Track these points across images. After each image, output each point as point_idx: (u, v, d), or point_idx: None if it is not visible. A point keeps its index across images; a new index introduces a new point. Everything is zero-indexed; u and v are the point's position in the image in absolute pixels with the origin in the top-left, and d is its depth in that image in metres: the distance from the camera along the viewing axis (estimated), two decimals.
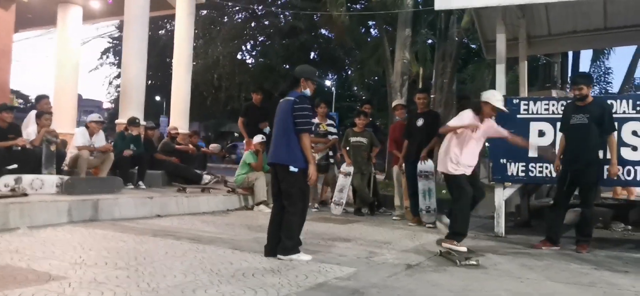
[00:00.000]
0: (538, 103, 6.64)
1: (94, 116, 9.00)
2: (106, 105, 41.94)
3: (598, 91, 25.70)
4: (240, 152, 24.28)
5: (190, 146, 10.80)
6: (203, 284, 3.53)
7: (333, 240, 5.70)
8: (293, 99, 4.58)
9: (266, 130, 8.74)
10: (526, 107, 6.63)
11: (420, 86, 15.88)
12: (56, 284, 3.32)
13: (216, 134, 41.74)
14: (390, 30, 16.70)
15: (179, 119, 12.35)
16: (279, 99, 4.78)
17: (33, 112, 8.29)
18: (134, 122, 9.34)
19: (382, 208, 9.12)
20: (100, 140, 8.61)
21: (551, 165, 6.30)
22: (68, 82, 13.18)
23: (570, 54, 18.11)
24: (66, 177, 7.17)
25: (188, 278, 3.68)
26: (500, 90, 6.92)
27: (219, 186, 9.47)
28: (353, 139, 8.58)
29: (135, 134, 9.23)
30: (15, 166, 7.08)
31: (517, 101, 6.72)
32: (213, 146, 14.49)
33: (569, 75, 17.99)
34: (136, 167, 8.91)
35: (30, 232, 5.20)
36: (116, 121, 10.99)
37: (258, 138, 8.61)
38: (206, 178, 9.83)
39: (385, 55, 15.88)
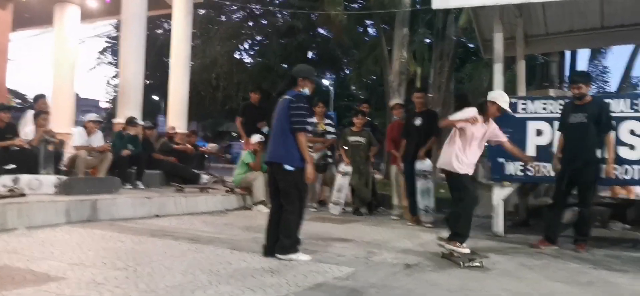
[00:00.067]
0: (536, 102, 6.66)
1: (92, 116, 9.00)
2: (104, 104, 41.84)
3: (595, 90, 25.75)
4: (234, 152, 24.31)
5: (188, 146, 10.80)
6: (202, 284, 3.53)
7: (331, 240, 5.71)
8: (290, 98, 4.59)
9: (264, 129, 8.74)
10: (524, 106, 6.65)
11: (418, 85, 15.88)
12: (54, 285, 3.32)
13: (214, 134, 41.69)
14: (388, 29, 16.69)
15: (177, 119, 12.33)
16: (278, 99, 4.79)
17: (30, 112, 8.28)
18: (132, 122, 9.33)
19: (381, 207, 9.13)
20: (98, 140, 8.61)
21: (549, 165, 6.32)
22: (66, 82, 13.15)
23: (567, 53, 18.17)
24: (64, 177, 7.16)
25: (187, 278, 3.68)
26: (498, 89, 6.93)
27: (218, 186, 9.47)
28: (351, 139, 8.59)
29: (133, 134, 9.22)
30: (13, 166, 7.07)
31: (515, 100, 6.73)
32: (211, 146, 14.49)
33: (567, 74, 18.05)
34: (134, 167, 8.90)
35: (28, 233, 5.20)
36: (114, 120, 10.97)
37: (256, 137, 8.62)
38: (204, 178, 9.83)
39: (383, 54, 15.89)
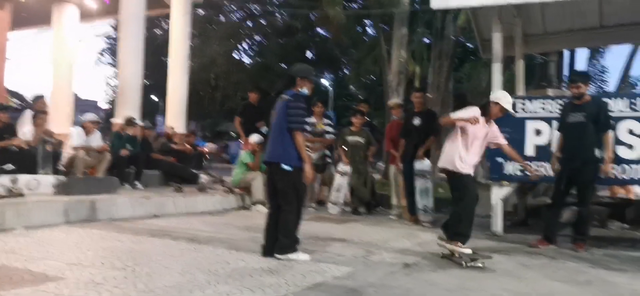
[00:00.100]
0: (534, 102, 6.66)
1: (90, 116, 8.98)
2: (103, 105, 41.82)
3: (594, 90, 25.77)
4: (231, 152, 24.29)
5: (186, 146, 10.79)
6: (200, 284, 3.53)
7: (330, 240, 5.70)
8: (287, 98, 4.60)
9: (263, 129, 8.73)
10: (523, 106, 6.65)
11: (416, 85, 15.88)
12: (53, 285, 3.31)
13: (213, 134, 41.66)
14: (386, 29, 16.69)
15: (176, 119, 12.32)
16: (276, 99, 4.79)
17: (29, 112, 8.26)
18: (131, 122, 9.31)
19: (379, 207, 9.12)
20: (96, 139, 8.59)
21: (547, 164, 6.33)
22: (64, 82, 13.13)
23: (566, 53, 18.20)
24: (62, 178, 7.16)
25: (185, 278, 3.68)
26: (496, 89, 6.93)
27: (216, 186, 9.46)
28: (350, 138, 8.59)
29: (131, 134, 9.21)
30: (11, 166, 7.05)
31: (514, 100, 6.72)
32: (209, 145, 14.48)
33: (565, 73, 18.06)
34: (133, 167, 8.89)
35: (26, 232, 5.19)
36: (112, 120, 10.96)
37: (255, 137, 8.61)
38: (203, 178, 9.83)
39: (381, 54, 15.88)
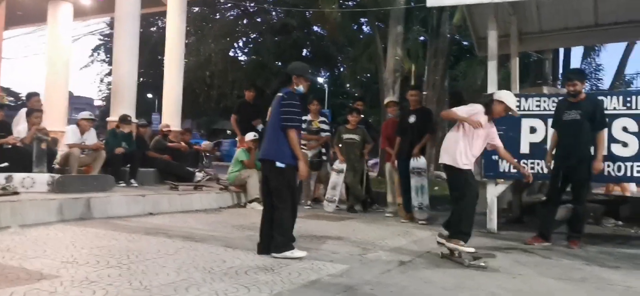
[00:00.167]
0: (529, 99, 6.67)
1: (85, 113, 8.95)
2: (98, 102, 41.71)
3: (588, 88, 25.87)
4: (224, 149, 24.26)
5: (182, 143, 10.78)
6: (196, 282, 3.52)
7: (326, 237, 5.71)
8: (282, 96, 4.60)
9: (259, 127, 8.72)
10: (518, 104, 6.65)
11: (412, 83, 15.91)
12: (48, 283, 3.30)
13: (208, 132, 41.64)
14: (382, 27, 16.70)
15: (171, 117, 12.29)
16: (273, 96, 4.79)
17: (23, 110, 8.23)
18: (126, 120, 9.29)
19: (375, 205, 9.14)
20: (91, 137, 8.57)
21: (542, 162, 6.35)
22: (59, 80, 13.08)
23: (561, 51, 18.27)
24: (57, 175, 7.13)
25: (181, 276, 3.67)
26: (492, 86, 6.95)
27: (212, 184, 9.45)
28: (346, 136, 8.59)
29: (127, 132, 9.19)
30: (6, 164, 7.04)
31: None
32: (205, 144, 14.46)
33: (560, 71, 18.13)
34: (128, 165, 8.87)
35: (21, 231, 5.17)
36: (108, 119, 10.93)
37: (250, 135, 8.60)
38: (198, 176, 9.81)
39: (377, 52, 15.90)
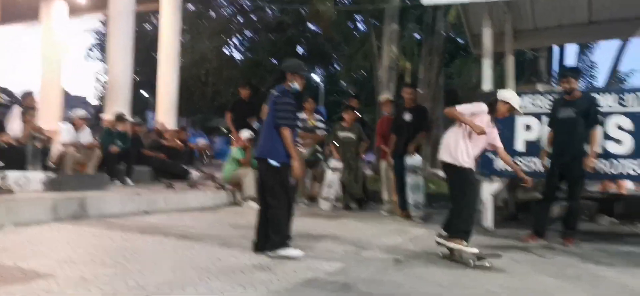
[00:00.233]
0: (524, 97, 6.68)
1: (79, 112, 8.92)
2: (92, 101, 41.52)
3: (583, 85, 25.94)
4: (216, 147, 24.20)
5: (177, 142, 10.75)
6: (192, 281, 3.52)
7: (322, 236, 5.71)
8: (276, 94, 4.60)
9: (254, 125, 8.71)
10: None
11: (407, 81, 15.91)
12: (43, 282, 3.29)
13: (204, 130, 41.51)
14: (377, 24, 16.69)
15: (166, 115, 12.25)
16: (268, 94, 4.79)
17: (17, 108, 8.19)
18: (121, 118, 9.26)
19: (371, 203, 9.14)
20: (86, 136, 8.54)
21: (538, 159, 6.37)
22: (53, 78, 13.04)
23: (556, 49, 18.32)
24: (52, 174, 7.10)
25: (176, 274, 3.67)
26: (486, 84, 6.96)
27: (207, 182, 9.43)
28: (341, 134, 8.59)
29: (122, 130, 9.16)
30: (1, 164, 7.00)
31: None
32: (199, 141, 14.46)
33: (555, 69, 18.18)
34: (123, 163, 8.84)
35: (16, 230, 5.15)
36: (102, 115, 10.88)
37: (246, 133, 8.59)
38: (194, 174, 9.80)
39: (372, 49, 15.89)
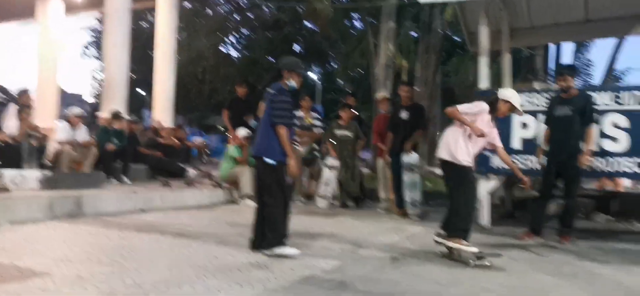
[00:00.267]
0: (521, 95, 6.67)
1: (76, 110, 8.89)
2: (88, 98, 41.43)
3: (579, 83, 26.01)
4: (212, 146, 24.16)
5: (174, 140, 10.73)
6: (189, 279, 3.51)
7: (319, 234, 5.70)
8: (272, 92, 4.59)
9: (251, 123, 8.70)
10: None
11: (404, 79, 15.92)
12: (40, 280, 3.28)
13: (200, 128, 41.47)
14: (374, 22, 16.70)
15: (163, 113, 12.23)
16: (264, 92, 4.78)
17: (13, 106, 8.16)
18: (117, 116, 9.24)
19: (368, 201, 9.14)
20: (82, 134, 8.52)
21: (534, 157, 6.38)
22: (49, 75, 13.00)
23: (552, 47, 18.36)
24: (48, 172, 7.08)
25: (173, 273, 3.66)
26: (483, 82, 6.96)
27: (204, 180, 9.43)
28: (338, 132, 8.59)
29: (118, 128, 9.14)
30: None
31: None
32: (196, 139, 14.43)
33: (551, 67, 18.22)
34: (119, 162, 8.82)
35: (12, 228, 5.13)
36: (98, 113, 10.85)
37: (243, 131, 8.58)
38: (191, 172, 9.78)
39: (369, 47, 15.91)
